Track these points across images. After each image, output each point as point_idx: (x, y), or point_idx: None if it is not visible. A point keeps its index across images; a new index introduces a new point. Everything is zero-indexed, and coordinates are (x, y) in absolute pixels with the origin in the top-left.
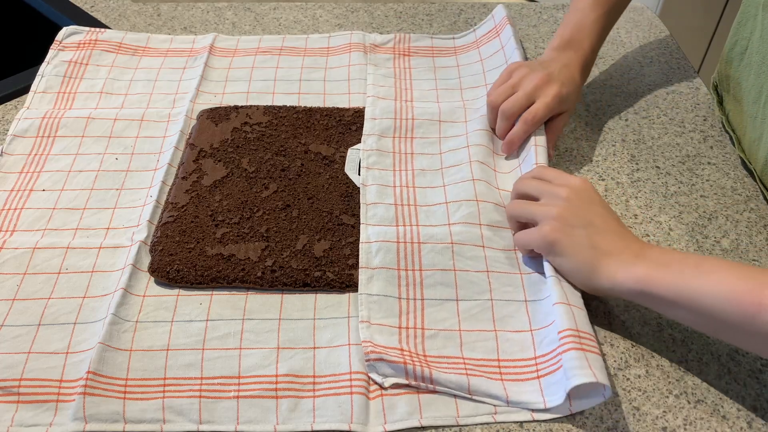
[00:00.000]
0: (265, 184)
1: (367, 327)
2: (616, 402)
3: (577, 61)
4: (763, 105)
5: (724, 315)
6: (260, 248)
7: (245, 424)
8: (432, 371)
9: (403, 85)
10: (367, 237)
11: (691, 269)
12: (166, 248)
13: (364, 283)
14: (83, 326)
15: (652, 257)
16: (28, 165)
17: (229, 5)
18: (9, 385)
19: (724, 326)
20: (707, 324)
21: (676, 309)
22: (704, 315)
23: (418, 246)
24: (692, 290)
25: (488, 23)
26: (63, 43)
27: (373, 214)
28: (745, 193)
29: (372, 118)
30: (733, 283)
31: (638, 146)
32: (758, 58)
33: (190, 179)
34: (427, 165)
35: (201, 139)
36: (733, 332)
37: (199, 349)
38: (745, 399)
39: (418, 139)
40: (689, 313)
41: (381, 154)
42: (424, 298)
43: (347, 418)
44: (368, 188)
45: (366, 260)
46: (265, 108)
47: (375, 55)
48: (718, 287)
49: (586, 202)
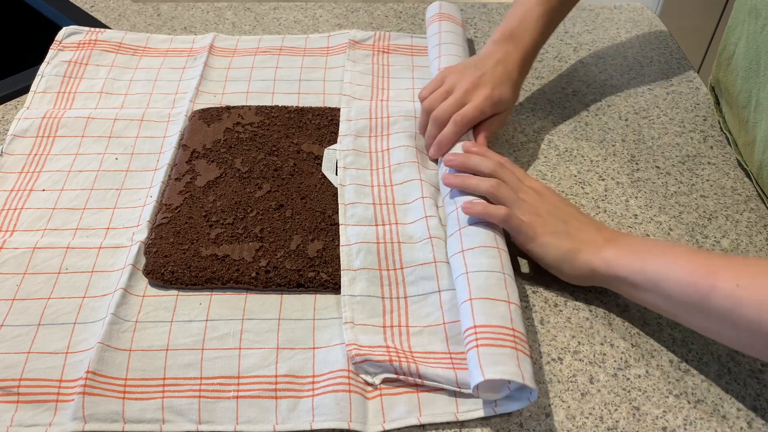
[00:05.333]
0: (259, 185)
1: (351, 328)
2: (616, 402)
3: (516, 55)
4: (753, 110)
5: (683, 297)
6: (254, 249)
7: (244, 424)
8: (419, 366)
9: (380, 84)
10: (347, 239)
11: (657, 254)
12: (161, 250)
13: (347, 285)
14: (83, 326)
15: (622, 243)
16: (28, 165)
17: (229, 5)
18: (9, 385)
19: (684, 308)
20: (670, 307)
21: (643, 292)
22: (667, 298)
23: (398, 246)
24: (656, 274)
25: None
26: (63, 43)
27: (352, 214)
28: (745, 193)
29: (347, 120)
30: (691, 266)
31: (638, 146)
32: (744, 64)
33: (184, 180)
34: (403, 158)
35: (193, 140)
36: (691, 314)
37: (199, 349)
38: (745, 399)
39: (394, 135)
40: (654, 297)
41: (358, 154)
42: (407, 296)
43: (346, 416)
44: (346, 188)
45: (347, 262)
46: (257, 108)
47: (354, 52)
48: (678, 271)
49: (554, 199)
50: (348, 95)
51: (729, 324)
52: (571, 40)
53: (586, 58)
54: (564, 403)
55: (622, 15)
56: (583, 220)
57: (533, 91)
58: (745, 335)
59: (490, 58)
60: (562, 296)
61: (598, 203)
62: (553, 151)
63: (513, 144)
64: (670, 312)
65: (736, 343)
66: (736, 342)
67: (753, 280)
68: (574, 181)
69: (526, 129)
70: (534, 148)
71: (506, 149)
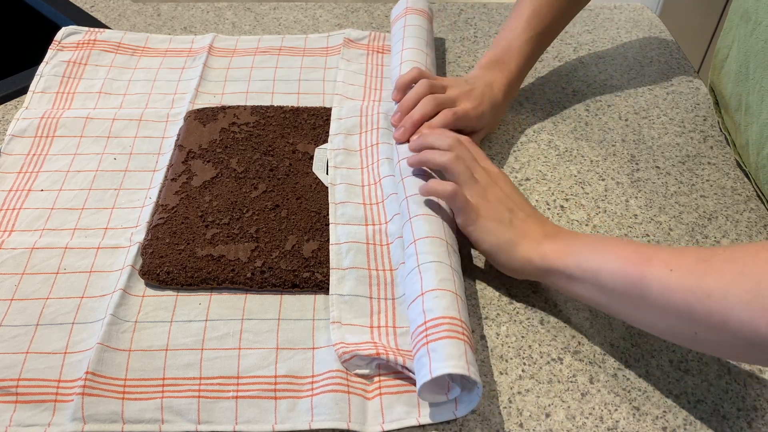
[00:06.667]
0: (254, 185)
1: (338, 327)
2: (616, 402)
3: (502, 81)
4: (744, 113)
5: (616, 288)
6: (250, 249)
7: (244, 424)
8: (405, 360)
9: (373, 84)
10: (337, 238)
11: (591, 246)
12: (157, 251)
13: (335, 284)
14: (81, 326)
15: (560, 238)
16: (26, 165)
17: (229, 5)
18: (7, 385)
19: (618, 299)
20: (605, 299)
21: (578, 285)
22: (601, 290)
23: (387, 247)
24: (591, 266)
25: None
26: (62, 43)
27: (342, 213)
28: (745, 193)
29: (338, 119)
30: (623, 257)
31: (638, 146)
32: (735, 67)
33: (180, 180)
34: (389, 153)
35: (189, 140)
36: (625, 305)
37: (198, 349)
38: (745, 399)
39: (383, 129)
40: (589, 289)
41: (348, 153)
42: (395, 297)
43: (345, 416)
44: (336, 187)
45: (336, 261)
46: (252, 108)
47: (349, 51)
48: (611, 262)
49: (507, 188)
50: (340, 95)
51: (661, 311)
52: (571, 40)
53: (586, 58)
54: (564, 403)
55: (622, 15)
56: (529, 212)
57: (533, 91)
58: (677, 323)
59: (479, 80)
60: (562, 296)
61: (598, 203)
62: (553, 151)
63: (513, 144)
64: (606, 305)
65: (668, 333)
66: (667, 332)
67: (686, 266)
68: (574, 181)
69: (526, 129)
70: (534, 148)
71: (506, 149)
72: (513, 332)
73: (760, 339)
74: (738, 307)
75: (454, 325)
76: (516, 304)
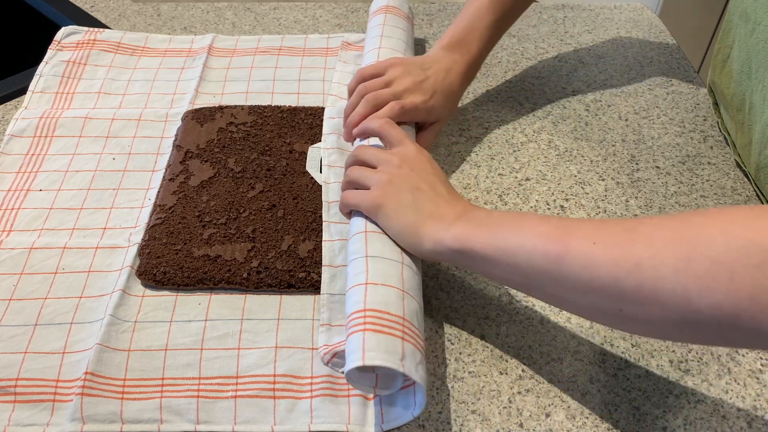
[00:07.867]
0: (252, 184)
1: (327, 330)
2: (616, 402)
3: (462, 65)
4: (748, 112)
5: (535, 264)
6: (246, 249)
7: (243, 424)
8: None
9: None
10: (330, 235)
11: (508, 225)
12: (154, 251)
13: (327, 282)
14: (80, 326)
15: (473, 217)
16: (25, 165)
17: (229, 5)
18: (6, 385)
19: (536, 277)
20: (523, 278)
21: (494, 267)
22: (519, 269)
23: None
24: (507, 245)
25: None
26: (61, 43)
27: (335, 212)
28: (745, 193)
29: (330, 118)
30: (542, 232)
31: (638, 146)
32: (737, 67)
33: (177, 180)
34: None
35: (187, 140)
36: (544, 282)
37: (198, 349)
38: (745, 399)
39: None
40: (506, 270)
41: (341, 153)
42: None
43: (344, 418)
44: (330, 186)
45: (329, 258)
46: (249, 108)
47: (346, 53)
48: (529, 239)
49: (418, 169)
50: (335, 95)
51: (585, 288)
52: (571, 40)
53: (586, 58)
54: (564, 403)
55: (622, 15)
56: (440, 191)
57: (533, 91)
58: (601, 299)
59: (437, 63)
60: None
61: (598, 203)
62: (553, 151)
63: (513, 144)
64: (523, 284)
65: (589, 310)
66: (588, 310)
67: (611, 237)
68: (574, 181)
69: (526, 129)
70: (534, 148)
71: (506, 149)
72: (513, 332)
73: (691, 310)
74: (669, 276)
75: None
76: (516, 304)
